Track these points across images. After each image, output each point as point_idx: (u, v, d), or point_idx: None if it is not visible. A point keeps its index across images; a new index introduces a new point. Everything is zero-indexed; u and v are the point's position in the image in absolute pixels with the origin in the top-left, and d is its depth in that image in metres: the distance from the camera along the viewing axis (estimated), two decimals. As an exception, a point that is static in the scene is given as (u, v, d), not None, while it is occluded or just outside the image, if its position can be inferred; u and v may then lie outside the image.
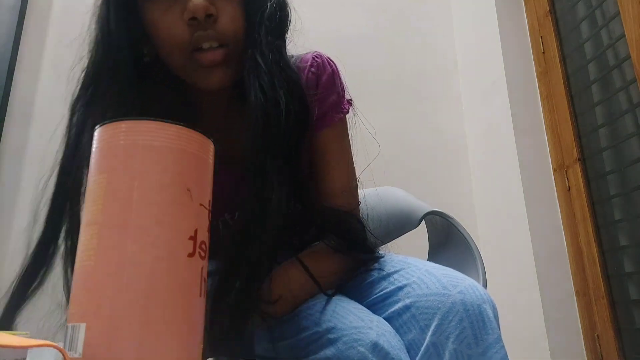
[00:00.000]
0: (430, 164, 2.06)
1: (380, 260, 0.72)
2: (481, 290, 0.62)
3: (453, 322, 0.59)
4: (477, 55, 2.13)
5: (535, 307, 1.66)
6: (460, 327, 0.58)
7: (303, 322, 0.62)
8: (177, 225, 0.38)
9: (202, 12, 0.58)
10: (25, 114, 1.78)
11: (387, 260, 0.73)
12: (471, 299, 0.60)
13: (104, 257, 0.36)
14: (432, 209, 0.97)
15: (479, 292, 0.61)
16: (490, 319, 0.60)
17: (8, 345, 0.33)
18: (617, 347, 1.53)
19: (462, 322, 0.59)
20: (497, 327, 0.61)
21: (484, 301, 0.61)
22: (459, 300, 0.60)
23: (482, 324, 0.59)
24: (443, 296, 0.61)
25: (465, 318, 0.59)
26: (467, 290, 0.61)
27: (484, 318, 0.59)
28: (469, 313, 0.59)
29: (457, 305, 0.59)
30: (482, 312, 0.60)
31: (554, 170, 1.83)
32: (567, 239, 1.74)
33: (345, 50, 2.15)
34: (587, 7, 1.75)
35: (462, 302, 0.60)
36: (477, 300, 0.60)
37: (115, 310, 0.35)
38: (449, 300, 0.60)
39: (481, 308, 0.60)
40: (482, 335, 0.59)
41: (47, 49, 1.87)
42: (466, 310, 0.59)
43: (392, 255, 0.75)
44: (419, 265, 0.68)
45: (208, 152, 0.42)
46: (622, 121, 1.58)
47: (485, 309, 0.60)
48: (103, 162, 0.39)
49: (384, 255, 0.73)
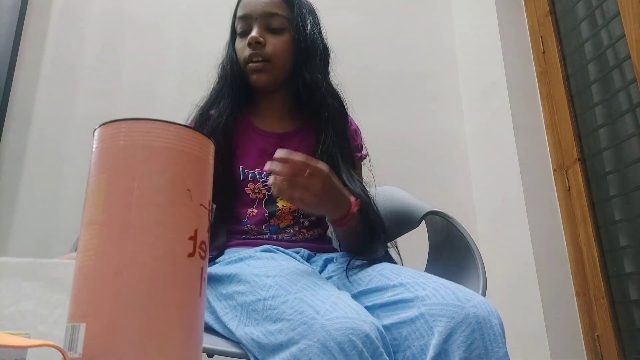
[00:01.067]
0: (430, 164, 2.06)
1: (396, 269, 0.79)
2: (492, 307, 0.68)
3: (465, 332, 0.63)
4: (477, 55, 2.13)
5: (535, 307, 1.66)
6: (472, 338, 0.63)
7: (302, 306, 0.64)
8: (177, 225, 0.38)
9: (254, 40, 0.98)
10: (25, 114, 1.78)
11: (403, 270, 0.78)
12: (484, 313, 0.65)
13: (104, 257, 0.36)
14: (432, 209, 0.97)
15: (491, 308, 0.67)
16: (500, 334, 0.65)
17: (8, 345, 0.33)
18: (617, 347, 1.53)
19: (474, 333, 0.63)
20: (505, 344, 0.65)
21: (495, 317, 0.66)
22: (472, 313, 0.64)
23: (494, 337, 0.64)
24: (457, 307, 0.65)
25: (477, 330, 0.63)
26: (480, 305, 0.66)
27: (495, 332, 0.64)
28: (481, 326, 0.64)
29: (470, 317, 0.64)
30: (493, 326, 0.65)
31: (554, 170, 1.83)
32: (567, 239, 1.74)
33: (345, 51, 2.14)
34: (587, 7, 1.75)
35: (475, 315, 0.64)
36: (489, 315, 0.65)
37: (115, 310, 0.35)
38: (463, 311, 0.65)
39: (492, 322, 0.65)
40: (492, 347, 0.63)
41: (47, 49, 1.87)
42: (478, 322, 0.64)
43: (407, 268, 0.80)
44: (434, 278, 0.74)
45: (208, 152, 0.42)
46: (622, 121, 1.58)
47: (495, 324, 0.65)
48: (103, 162, 0.39)
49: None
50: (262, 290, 0.70)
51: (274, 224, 0.96)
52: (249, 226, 0.96)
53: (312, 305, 0.63)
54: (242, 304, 0.73)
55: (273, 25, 1.00)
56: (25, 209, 1.68)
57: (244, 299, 0.73)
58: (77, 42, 1.91)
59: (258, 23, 0.99)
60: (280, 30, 1.00)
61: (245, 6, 1.02)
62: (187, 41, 1.98)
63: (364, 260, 0.84)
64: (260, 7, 1.00)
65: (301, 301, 0.65)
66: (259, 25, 0.99)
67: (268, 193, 0.97)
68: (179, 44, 1.98)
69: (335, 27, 2.16)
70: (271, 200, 0.96)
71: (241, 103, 1.03)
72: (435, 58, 2.24)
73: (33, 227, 1.67)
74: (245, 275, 0.76)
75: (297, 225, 0.98)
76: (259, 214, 0.96)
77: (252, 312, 0.70)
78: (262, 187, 0.97)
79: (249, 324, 0.70)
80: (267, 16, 0.99)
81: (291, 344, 0.61)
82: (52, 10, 1.92)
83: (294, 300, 0.65)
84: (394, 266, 0.82)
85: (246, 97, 1.05)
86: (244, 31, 1.01)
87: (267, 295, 0.69)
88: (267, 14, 0.99)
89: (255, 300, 0.70)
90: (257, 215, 0.96)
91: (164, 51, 1.97)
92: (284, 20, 1.01)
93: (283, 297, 0.67)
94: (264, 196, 0.97)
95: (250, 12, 1.00)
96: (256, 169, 0.98)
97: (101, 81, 1.88)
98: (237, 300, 0.74)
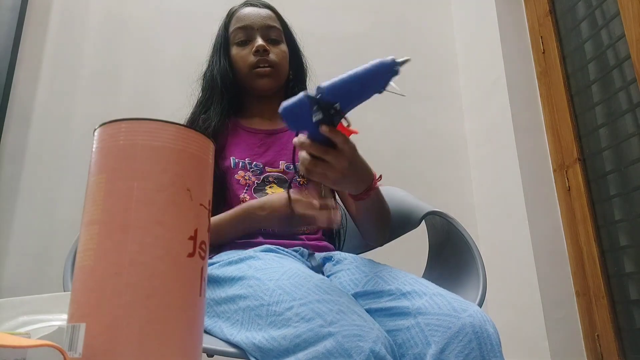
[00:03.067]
0: (431, 164, 2.06)
1: (394, 271, 0.79)
2: (487, 316, 0.68)
3: (462, 342, 0.63)
4: (477, 55, 2.13)
5: (535, 307, 1.66)
6: (469, 348, 0.63)
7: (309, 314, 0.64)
8: (177, 225, 0.38)
9: (262, 48, 1.06)
10: (25, 114, 1.78)
11: (399, 275, 0.77)
12: (480, 323, 0.65)
13: (104, 257, 0.36)
14: (432, 209, 0.97)
15: (487, 318, 0.67)
16: (497, 344, 0.65)
17: (8, 345, 0.33)
18: (617, 347, 1.53)
19: (471, 343, 0.63)
20: (502, 353, 0.65)
21: (491, 326, 0.67)
22: (468, 323, 0.65)
23: (490, 347, 0.64)
24: (453, 317, 0.65)
25: (474, 339, 0.63)
26: (476, 315, 0.66)
27: (492, 342, 0.64)
28: (478, 336, 0.64)
29: (466, 328, 0.64)
30: (489, 336, 0.65)
31: (554, 170, 1.83)
32: (567, 239, 1.74)
33: (346, 51, 2.16)
34: (587, 7, 1.75)
35: (472, 325, 0.64)
36: (485, 325, 0.66)
37: (115, 310, 0.35)
38: (459, 322, 0.65)
39: (489, 332, 0.65)
40: (489, 357, 0.63)
41: (47, 49, 1.87)
42: (475, 332, 0.64)
43: (404, 272, 0.80)
44: (431, 286, 0.74)
45: (208, 152, 0.42)
46: (622, 121, 1.58)
47: (492, 333, 0.65)
48: (103, 162, 0.39)
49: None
50: (265, 295, 0.70)
51: None
52: None
53: (318, 313, 0.63)
54: (245, 308, 0.72)
55: (272, 37, 1.10)
56: (25, 209, 1.68)
57: (247, 304, 0.72)
58: (77, 42, 1.91)
59: (259, 33, 1.08)
60: (277, 42, 1.10)
61: (246, 18, 1.10)
62: (187, 41, 1.98)
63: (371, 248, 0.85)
64: (261, 19, 1.09)
65: (307, 308, 0.64)
66: (261, 35, 1.08)
67: (257, 181, 1.01)
68: (178, 44, 1.98)
69: (335, 27, 2.17)
70: (259, 188, 1.00)
71: (230, 109, 1.09)
72: (436, 58, 2.25)
73: (33, 227, 1.67)
74: (247, 279, 0.75)
75: None
76: (250, 200, 0.98)
77: (255, 317, 0.69)
78: (252, 175, 1.01)
79: (251, 328, 0.69)
80: (267, 28, 1.09)
81: (298, 350, 0.60)
82: (52, 11, 1.92)
83: (299, 307, 0.64)
84: (392, 268, 0.82)
85: (236, 103, 1.11)
86: (244, 40, 1.09)
87: (270, 300, 0.68)
88: (266, 26, 1.09)
89: (259, 305, 0.69)
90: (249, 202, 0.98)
91: (164, 51, 1.97)
92: (280, 32, 1.12)
93: (287, 303, 0.66)
94: (253, 183, 1.01)
95: (251, 23, 1.09)
96: (246, 158, 1.03)
97: (101, 81, 1.88)
98: (239, 305, 0.74)
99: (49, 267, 1.60)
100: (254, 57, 1.06)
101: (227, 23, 1.12)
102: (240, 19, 1.10)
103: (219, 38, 1.13)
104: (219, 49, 1.12)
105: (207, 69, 1.13)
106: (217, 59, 1.11)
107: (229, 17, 1.13)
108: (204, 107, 1.08)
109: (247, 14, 1.10)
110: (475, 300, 0.82)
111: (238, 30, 1.09)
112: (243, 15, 1.10)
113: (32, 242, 1.65)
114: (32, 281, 1.60)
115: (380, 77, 0.67)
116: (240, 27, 1.09)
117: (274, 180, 1.01)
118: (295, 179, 1.03)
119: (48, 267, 1.61)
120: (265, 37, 1.08)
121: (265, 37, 1.08)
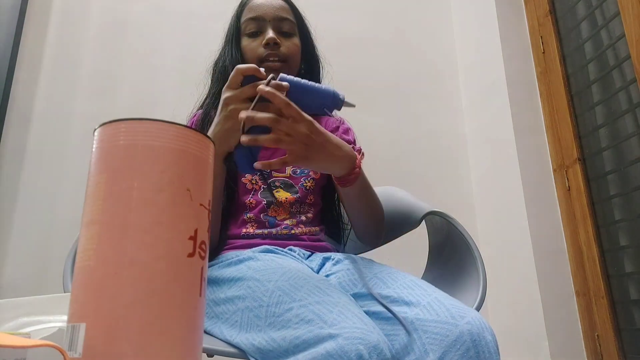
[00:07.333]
0: (431, 164, 2.06)
1: (392, 273, 0.79)
2: (486, 322, 0.67)
3: (460, 350, 0.63)
4: (477, 55, 2.13)
5: (535, 307, 1.66)
6: (467, 356, 0.63)
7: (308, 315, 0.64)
8: (177, 225, 0.38)
9: (272, 40, 1.01)
10: (25, 114, 1.78)
11: (399, 275, 0.77)
12: (478, 330, 0.65)
13: (104, 257, 0.36)
14: (432, 209, 0.97)
15: (485, 325, 0.66)
16: (495, 351, 0.65)
17: (8, 345, 0.33)
18: (617, 347, 1.53)
19: (469, 351, 0.63)
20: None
21: (489, 333, 0.66)
22: (466, 330, 0.64)
23: (488, 354, 0.64)
24: (451, 325, 0.65)
25: (472, 347, 0.63)
26: (474, 322, 0.66)
27: (490, 349, 0.64)
28: (476, 343, 0.64)
29: (464, 335, 0.64)
30: (487, 343, 0.64)
31: (554, 170, 1.83)
32: (567, 239, 1.74)
33: (346, 51, 2.16)
34: (587, 7, 1.75)
35: (470, 333, 0.64)
36: (483, 332, 0.65)
37: (115, 310, 0.35)
38: (457, 329, 0.64)
39: (487, 339, 0.65)
40: None
41: (47, 49, 1.88)
42: (473, 340, 0.64)
43: (404, 273, 0.80)
44: (429, 290, 0.73)
45: (208, 152, 0.42)
46: (622, 121, 1.58)
47: (490, 340, 0.65)
48: (103, 162, 0.39)
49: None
50: (264, 296, 0.70)
51: (272, 215, 0.97)
52: (249, 215, 0.96)
53: (318, 314, 0.63)
54: (244, 309, 0.72)
55: (284, 29, 1.05)
56: (25, 209, 1.68)
57: (246, 305, 0.72)
58: (77, 42, 1.91)
59: (271, 25, 1.04)
60: (290, 35, 1.06)
61: (258, 8, 1.05)
62: (187, 41, 1.98)
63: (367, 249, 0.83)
64: (273, 11, 1.05)
65: (306, 309, 0.64)
66: (272, 27, 1.04)
67: (264, 186, 1.00)
68: (178, 44, 1.98)
69: (336, 27, 2.17)
70: (267, 192, 0.99)
71: None
72: (435, 58, 2.25)
73: (33, 227, 1.67)
74: (246, 280, 0.75)
75: (294, 218, 0.98)
76: (258, 202, 0.97)
77: (255, 319, 0.69)
78: (259, 180, 1.00)
79: (250, 330, 0.69)
80: (279, 20, 1.05)
81: (298, 351, 0.60)
82: (52, 10, 1.92)
83: (299, 308, 0.64)
84: (391, 269, 0.82)
85: None
86: (255, 32, 1.05)
87: (269, 301, 0.68)
88: (279, 18, 1.05)
89: (258, 307, 0.69)
90: (256, 205, 0.97)
91: (164, 51, 1.97)
92: (293, 25, 1.07)
93: (287, 304, 0.66)
94: (260, 187, 1.00)
95: (263, 14, 1.04)
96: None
97: (101, 81, 1.88)
98: (238, 306, 0.73)
99: (49, 267, 1.61)
100: (264, 49, 1.02)
101: (240, 13, 1.09)
102: (252, 9, 1.06)
103: (231, 28, 1.10)
104: (230, 39, 1.08)
105: (219, 59, 1.10)
106: (228, 49, 1.07)
107: (242, 7, 1.09)
108: (216, 99, 1.03)
109: (259, 4, 1.06)
110: (475, 300, 0.82)
111: (249, 20, 1.05)
112: (255, 6, 1.06)
113: (32, 242, 1.65)
114: (32, 281, 1.60)
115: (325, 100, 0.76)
116: (251, 18, 1.05)
117: (280, 185, 1.01)
118: (301, 184, 1.02)
119: (48, 267, 1.61)
120: (277, 29, 1.04)
121: (277, 29, 1.04)
